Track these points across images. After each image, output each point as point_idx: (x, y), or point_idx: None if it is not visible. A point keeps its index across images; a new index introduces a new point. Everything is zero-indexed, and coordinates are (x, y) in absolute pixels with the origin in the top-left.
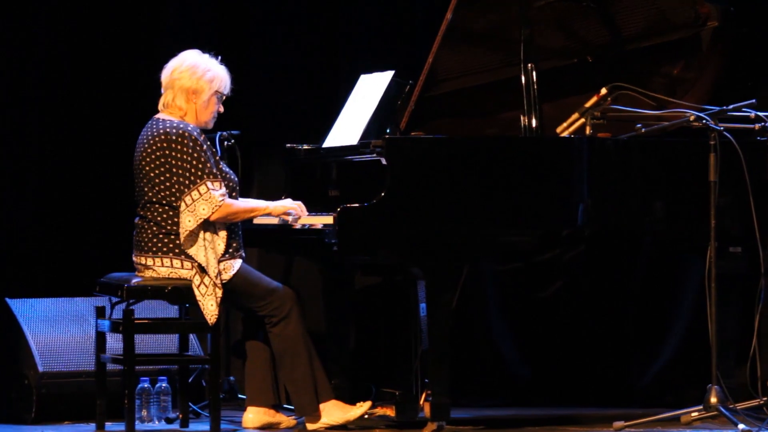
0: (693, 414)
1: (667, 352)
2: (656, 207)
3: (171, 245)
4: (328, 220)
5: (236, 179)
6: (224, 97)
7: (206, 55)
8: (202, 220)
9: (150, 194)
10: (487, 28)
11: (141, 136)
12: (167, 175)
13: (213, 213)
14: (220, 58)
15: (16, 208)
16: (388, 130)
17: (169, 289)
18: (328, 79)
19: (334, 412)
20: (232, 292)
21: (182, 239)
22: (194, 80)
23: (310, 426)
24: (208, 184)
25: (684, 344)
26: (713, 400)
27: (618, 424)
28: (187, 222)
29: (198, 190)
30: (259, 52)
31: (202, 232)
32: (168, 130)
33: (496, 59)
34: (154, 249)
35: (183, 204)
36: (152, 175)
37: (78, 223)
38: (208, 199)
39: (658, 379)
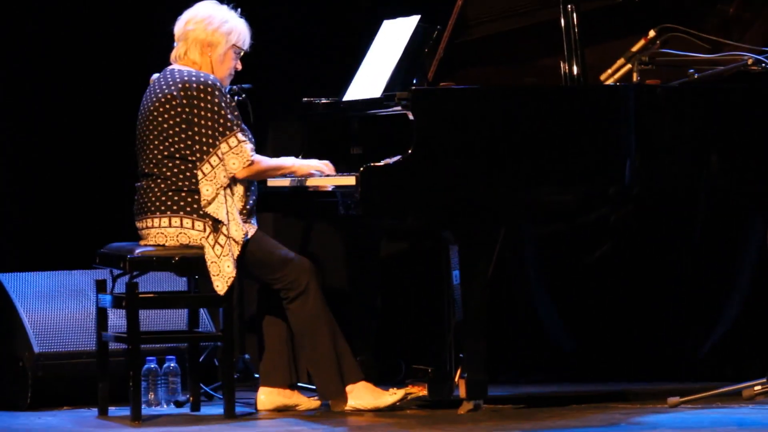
0: (756, 388)
1: (726, 320)
2: (712, 161)
3: (182, 203)
4: (351, 180)
5: (254, 140)
6: (242, 53)
7: (224, 7)
8: (232, 175)
9: (161, 148)
10: None
11: (151, 87)
12: (184, 126)
13: (243, 168)
14: (239, 10)
15: (6, 174)
16: (414, 81)
17: (176, 259)
18: (347, 26)
19: (364, 395)
20: (245, 259)
21: (211, 196)
22: (209, 32)
23: (336, 409)
24: (239, 135)
25: (744, 312)
26: None
27: (673, 400)
28: (222, 177)
29: (228, 143)
30: None
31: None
32: (187, 78)
33: (533, 0)
34: (162, 208)
35: (215, 157)
36: (166, 126)
37: (75, 189)
38: (239, 153)
39: (716, 350)
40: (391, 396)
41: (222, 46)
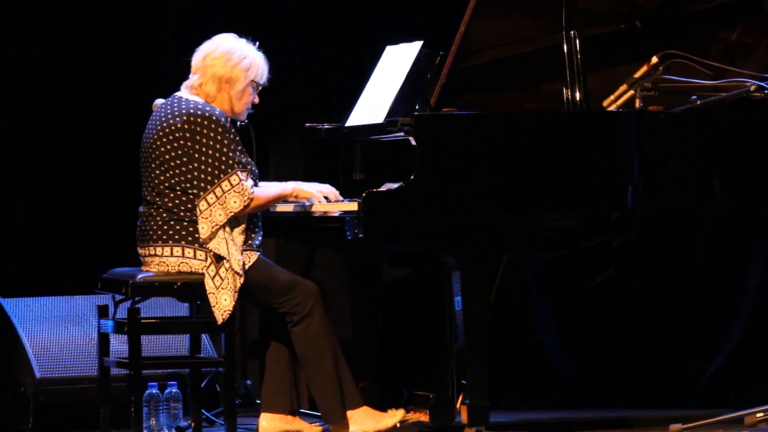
0: (758, 415)
1: (729, 346)
2: (714, 186)
3: (183, 233)
4: (353, 206)
5: (257, 171)
6: (260, 88)
7: (243, 40)
8: (232, 214)
9: (162, 178)
10: None
11: (156, 114)
12: (185, 159)
13: (244, 206)
14: (258, 44)
15: (10, 199)
16: (417, 107)
17: (178, 284)
18: (350, 52)
19: (364, 420)
20: (249, 286)
21: (206, 235)
22: (228, 68)
23: None
24: (239, 174)
25: (747, 337)
26: None
27: (675, 426)
28: (218, 216)
29: (229, 181)
30: (274, 21)
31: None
32: (192, 111)
33: (536, 26)
34: (165, 237)
35: (212, 195)
36: (168, 157)
37: (77, 214)
38: (241, 191)
39: (719, 376)
40: (391, 417)
41: (241, 82)
